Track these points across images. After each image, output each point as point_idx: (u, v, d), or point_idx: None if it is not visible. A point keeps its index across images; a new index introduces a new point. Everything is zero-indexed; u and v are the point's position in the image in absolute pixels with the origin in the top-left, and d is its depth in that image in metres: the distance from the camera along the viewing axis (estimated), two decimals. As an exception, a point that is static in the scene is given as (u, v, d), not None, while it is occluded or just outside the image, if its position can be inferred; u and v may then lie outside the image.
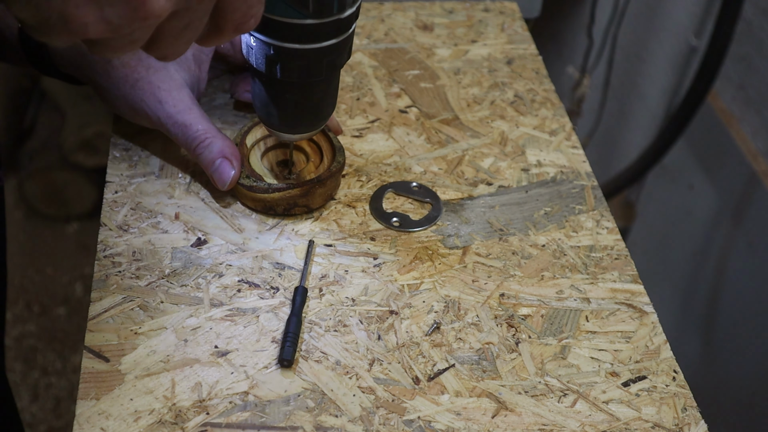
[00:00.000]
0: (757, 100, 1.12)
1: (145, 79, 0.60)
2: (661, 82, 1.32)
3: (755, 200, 1.11)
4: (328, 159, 0.63)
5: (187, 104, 0.60)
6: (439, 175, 0.66)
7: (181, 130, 0.60)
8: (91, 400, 0.49)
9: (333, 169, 0.61)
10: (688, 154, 1.28)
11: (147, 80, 0.60)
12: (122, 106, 0.61)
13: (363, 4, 0.83)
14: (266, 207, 0.61)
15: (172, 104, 0.60)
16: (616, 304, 0.58)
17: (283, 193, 0.60)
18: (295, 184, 0.60)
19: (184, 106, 0.60)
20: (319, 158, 0.63)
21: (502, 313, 0.57)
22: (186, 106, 0.60)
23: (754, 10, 1.11)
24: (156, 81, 0.60)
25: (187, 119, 0.60)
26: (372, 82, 0.75)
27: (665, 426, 0.51)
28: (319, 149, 0.64)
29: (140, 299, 0.55)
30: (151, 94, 0.60)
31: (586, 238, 0.62)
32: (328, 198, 0.62)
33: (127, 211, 0.61)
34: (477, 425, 0.50)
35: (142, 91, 0.60)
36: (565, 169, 0.68)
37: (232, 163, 0.60)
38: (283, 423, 0.49)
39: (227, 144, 0.60)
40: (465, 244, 0.61)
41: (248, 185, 0.60)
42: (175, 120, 0.60)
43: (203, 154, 0.60)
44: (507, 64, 0.78)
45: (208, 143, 0.60)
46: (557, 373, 0.53)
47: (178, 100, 0.60)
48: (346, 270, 0.58)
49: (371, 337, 0.54)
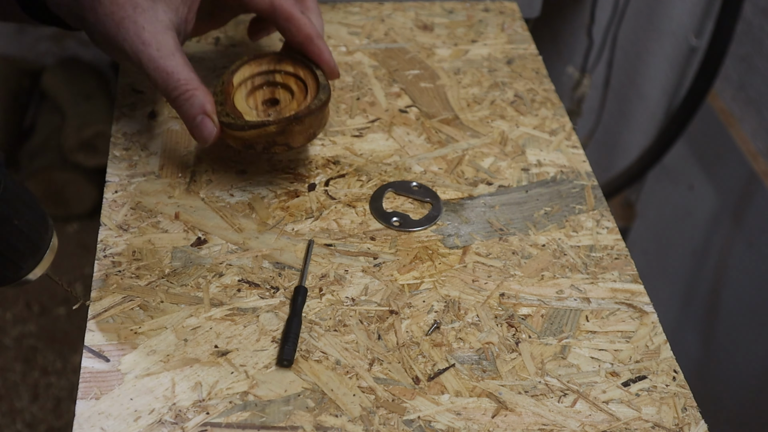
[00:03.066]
0: (757, 100, 1.12)
1: (131, 18, 0.57)
2: (661, 82, 1.32)
3: (755, 200, 1.11)
4: (311, 97, 0.61)
5: (170, 49, 0.58)
6: (439, 175, 0.66)
7: (162, 76, 0.58)
8: (91, 400, 0.49)
9: (312, 106, 0.60)
10: (688, 154, 1.28)
11: (132, 19, 0.57)
12: (106, 44, 0.59)
13: (363, 4, 0.83)
14: (246, 145, 0.60)
15: (155, 47, 0.58)
16: (616, 303, 0.58)
17: (259, 130, 0.59)
18: (271, 122, 0.59)
19: (168, 50, 0.58)
20: (303, 96, 0.62)
21: (502, 312, 0.57)
22: (169, 51, 0.58)
23: (754, 10, 1.11)
24: (141, 21, 0.57)
25: (170, 65, 0.58)
26: (372, 81, 0.75)
27: (665, 426, 0.51)
28: (305, 87, 0.63)
29: (140, 299, 0.55)
30: (135, 34, 0.57)
31: (586, 238, 0.62)
32: (310, 137, 0.61)
33: (127, 211, 0.61)
34: (477, 425, 0.50)
35: (126, 30, 0.57)
36: (565, 168, 0.68)
37: (213, 120, 0.59)
38: (283, 423, 0.49)
39: (209, 98, 0.59)
40: (465, 243, 0.61)
41: (226, 123, 0.60)
42: (156, 64, 0.58)
43: (183, 107, 0.59)
44: (507, 64, 0.78)
45: (189, 96, 0.58)
46: (557, 373, 0.53)
47: (162, 44, 0.58)
48: (346, 270, 0.58)
49: (371, 336, 0.54)
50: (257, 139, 0.59)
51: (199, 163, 0.65)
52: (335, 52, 0.78)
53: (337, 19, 0.81)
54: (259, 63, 0.64)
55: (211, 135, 0.59)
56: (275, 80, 0.64)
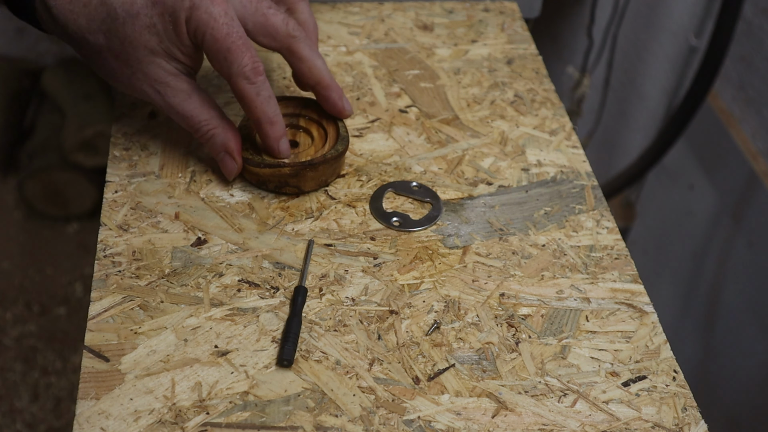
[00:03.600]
0: (757, 100, 1.12)
1: (140, 71, 0.59)
2: (661, 82, 1.32)
3: (755, 200, 1.11)
4: (329, 146, 0.64)
5: (186, 92, 0.60)
6: (439, 175, 0.66)
7: (184, 121, 0.60)
8: (91, 400, 0.49)
9: (328, 155, 0.62)
10: (688, 154, 1.28)
11: (141, 73, 0.59)
12: (131, 91, 0.61)
13: (363, 4, 0.83)
14: (259, 181, 0.63)
15: (171, 94, 0.59)
16: (616, 304, 0.58)
17: (273, 170, 0.61)
18: (286, 164, 0.61)
19: (184, 94, 0.60)
20: (322, 143, 0.65)
21: (502, 312, 0.57)
22: (185, 95, 0.60)
23: (754, 10, 1.11)
24: (152, 73, 0.59)
25: (187, 109, 0.60)
26: (372, 81, 0.75)
27: (665, 426, 0.51)
28: (326, 135, 0.65)
29: (140, 299, 0.55)
30: (149, 86, 0.59)
31: (586, 238, 0.62)
32: (321, 183, 0.63)
33: (127, 211, 0.61)
34: (477, 425, 0.50)
35: (140, 82, 0.59)
36: (565, 168, 0.68)
37: (234, 158, 0.61)
38: (283, 423, 0.49)
39: (230, 135, 0.61)
40: (465, 243, 0.61)
41: (245, 157, 0.62)
42: (176, 110, 0.60)
43: (207, 146, 0.62)
44: (507, 64, 0.78)
45: (210, 136, 0.61)
46: (557, 373, 0.53)
47: (176, 90, 0.59)
48: (346, 270, 0.58)
49: (371, 336, 0.54)
50: (270, 178, 0.62)
51: (199, 163, 0.65)
52: (335, 52, 0.78)
53: (337, 19, 0.81)
54: (286, 105, 0.67)
55: (232, 172, 0.63)
56: (298, 123, 0.66)
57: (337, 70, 0.75)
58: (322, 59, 0.63)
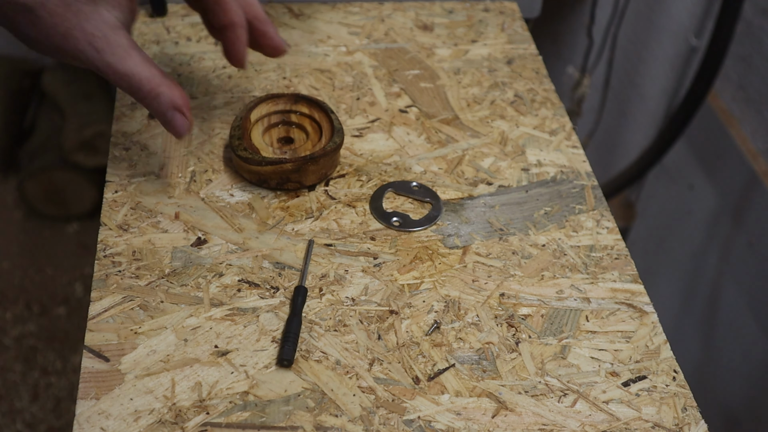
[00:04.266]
0: (757, 100, 1.12)
1: (77, 26, 0.54)
2: (661, 82, 1.32)
3: (755, 200, 1.11)
4: (326, 139, 0.64)
5: (125, 49, 0.56)
6: (439, 175, 0.66)
7: (124, 80, 0.56)
8: (91, 400, 0.49)
9: (327, 148, 0.63)
10: (688, 154, 1.28)
11: (79, 28, 0.55)
12: (58, 55, 0.57)
13: (363, 4, 0.83)
14: (260, 179, 0.63)
15: (110, 52, 0.55)
16: (616, 303, 0.58)
17: (275, 166, 0.62)
18: (288, 160, 0.62)
19: (123, 52, 0.56)
20: (318, 137, 0.65)
21: (502, 312, 0.57)
22: (124, 52, 0.56)
23: (754, 10, 1.11)
24: (89, 27, 0.55)
25: (128, 67, 0.56)
26: (372, 81, 0.75)
27: (665, 426, 0.51)
28: (320, 129, 0.66)
29: (140, 299, 0.55)
30: (86, 43, 0.55)
31: (586, 238, 0.62)
32: (322, 177, 0.64)
33: (127, 211, 0.61)
34: (477, 425, 0.50)
35: (76, 40, 0.55)
36: (565, 168, 0.68)
37: (184, 114, 0.58)
38: (283, 423, 0.49)
39: (175, 92, 0.57)
40: (465, 243, 0.61)
41: (244, 157, 0.62)
42: (115, 69, 0.56)
43: (152, 107, 0.57)
44: (507, 64, 0.78)
45: (156, 94, 0.57)
46: (557, 373, 0.53)
47: (115, 46, 0.55)
48: (346, 270, 0.58)
49: (371, 336, 0.54)
50: (272, 175, 0.62)
51: (199, 163, 0.65)
52: (335, 52, 0.78)
53: (337, 19, 0.81)
54: (276, 102, 0.67)
55: (184, 129, 0.58)
56: (291, 120, 0.67)
57: (337, 70, 0.75)
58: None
